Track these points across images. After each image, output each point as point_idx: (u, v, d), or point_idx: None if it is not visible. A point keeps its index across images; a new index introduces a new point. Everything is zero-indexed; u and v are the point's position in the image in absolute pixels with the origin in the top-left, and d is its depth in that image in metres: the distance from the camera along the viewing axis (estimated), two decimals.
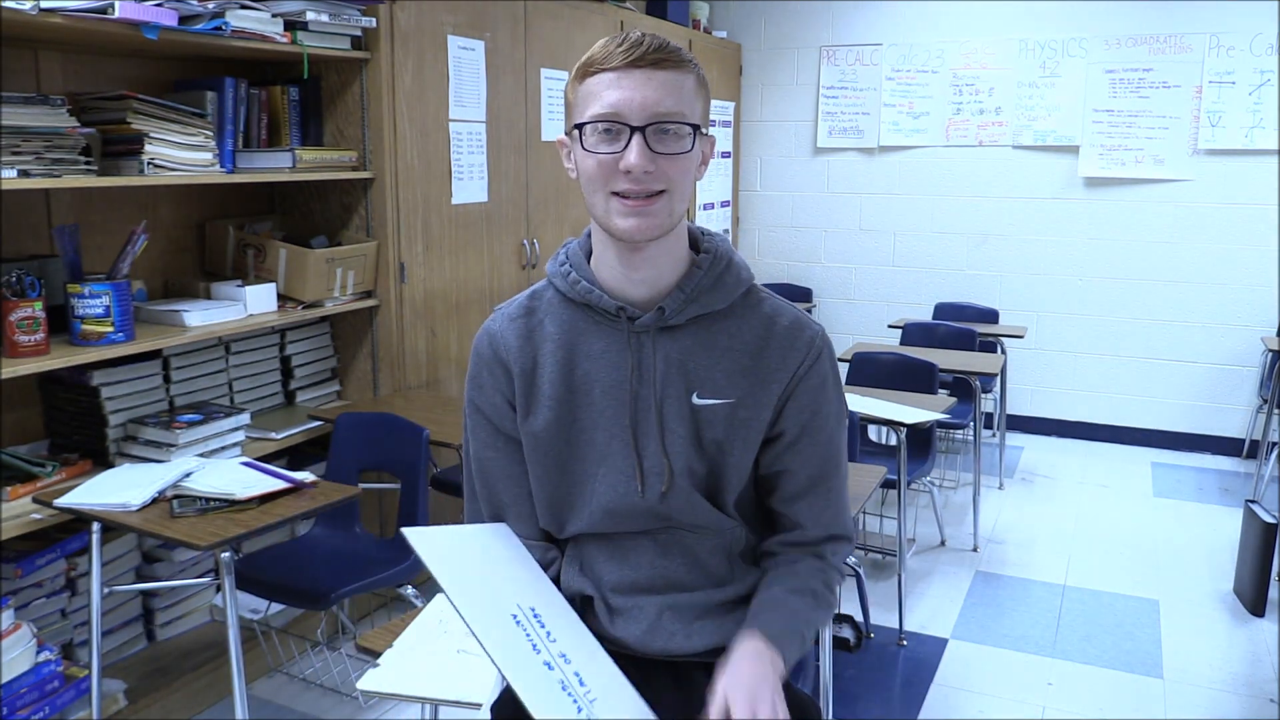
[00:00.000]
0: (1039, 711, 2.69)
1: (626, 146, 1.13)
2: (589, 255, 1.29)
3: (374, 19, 2.88)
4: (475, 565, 1.23)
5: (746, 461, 1.26)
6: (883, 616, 3.17)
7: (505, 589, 1.20)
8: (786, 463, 1.28)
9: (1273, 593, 3.30)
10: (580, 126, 1.16)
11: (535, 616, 1.17)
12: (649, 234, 1.17)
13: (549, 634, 1.15)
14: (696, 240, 1.29)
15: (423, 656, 1.61)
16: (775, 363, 1.24)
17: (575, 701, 1.07)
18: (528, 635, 1.13)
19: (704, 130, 1.19)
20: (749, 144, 5.80)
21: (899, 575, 3.15)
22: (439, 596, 1.51)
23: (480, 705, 1.38)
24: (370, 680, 1.55)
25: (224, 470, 2.30)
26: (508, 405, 1.30)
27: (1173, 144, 4.86)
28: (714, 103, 4.83)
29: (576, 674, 1.12)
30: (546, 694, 1.07)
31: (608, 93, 1.13)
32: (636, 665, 1.27)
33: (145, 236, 2.46)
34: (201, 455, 2.51)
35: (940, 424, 3.27)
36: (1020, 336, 4.71)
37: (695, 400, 1.24)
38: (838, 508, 1.31)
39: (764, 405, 1.24)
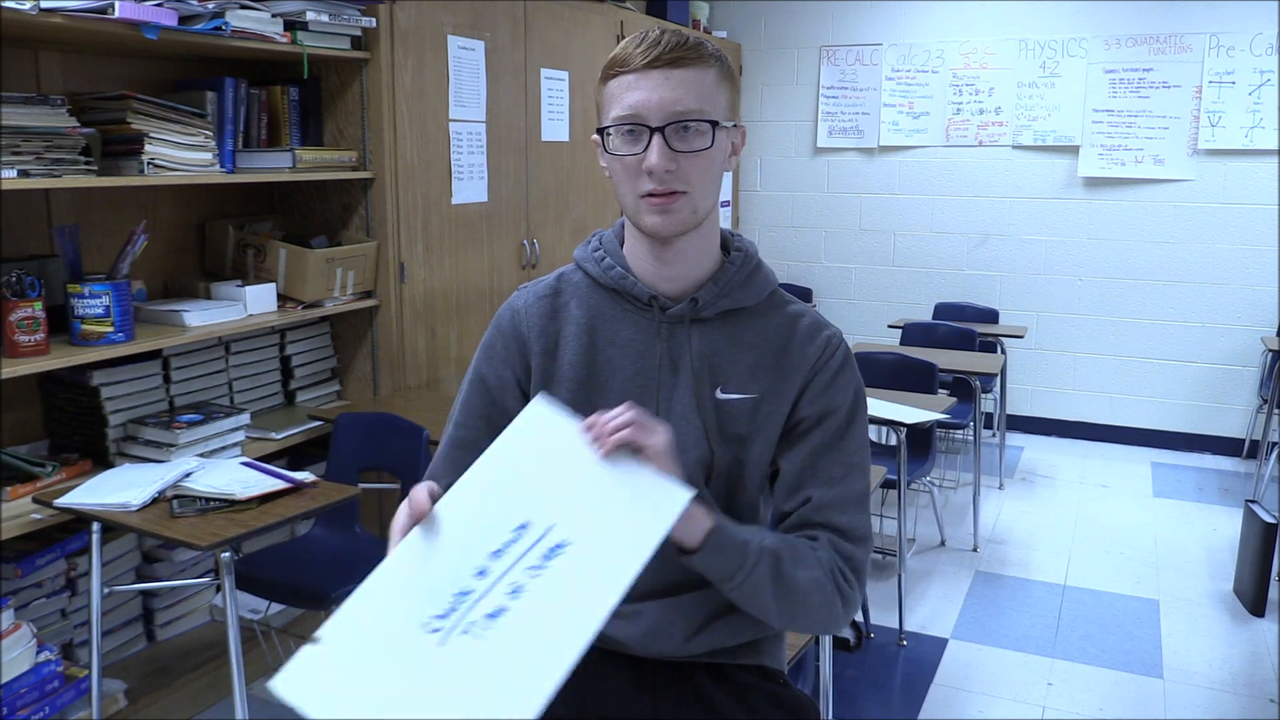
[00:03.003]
0: (1039, 711, 2.69)
1: (647, 147, 1.15)
2: (621, 245, 1.31)
3: (374, 19, 2.88)
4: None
5: (766, 457, 1.26)
6: (883, 616, 3.17)
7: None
8: (801, 455, 1.24)
9: (1273, 593, 3.30)
10: (604, 130, 1.19)
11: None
12: (674, 229, 1.19)
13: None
14: (726, 241, 1.31)
15: None
16: (796, 359, 1.25)
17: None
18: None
19: (725, 124, 1.19)
20: (749, 144, 5.76)
21: (899, 575, 3.15)
22: None
23: None
24: None
25: (224, 470, 2.30)
26: (515, 381, 1.30)
27: (1173, 144, 4.85)
28: None
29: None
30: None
31: (628, 95, 1.16)
32: (636, 665, 1.27)
33: (145, 236, 2.46)
34: (201, 455, 2.51)
35: (940, 424, 3.27)
36: (1020, 336, 4.71)
37: (719, 395, 1.24)
38: (855, 506, 1.24)
39: (784, 399, 1.25)
